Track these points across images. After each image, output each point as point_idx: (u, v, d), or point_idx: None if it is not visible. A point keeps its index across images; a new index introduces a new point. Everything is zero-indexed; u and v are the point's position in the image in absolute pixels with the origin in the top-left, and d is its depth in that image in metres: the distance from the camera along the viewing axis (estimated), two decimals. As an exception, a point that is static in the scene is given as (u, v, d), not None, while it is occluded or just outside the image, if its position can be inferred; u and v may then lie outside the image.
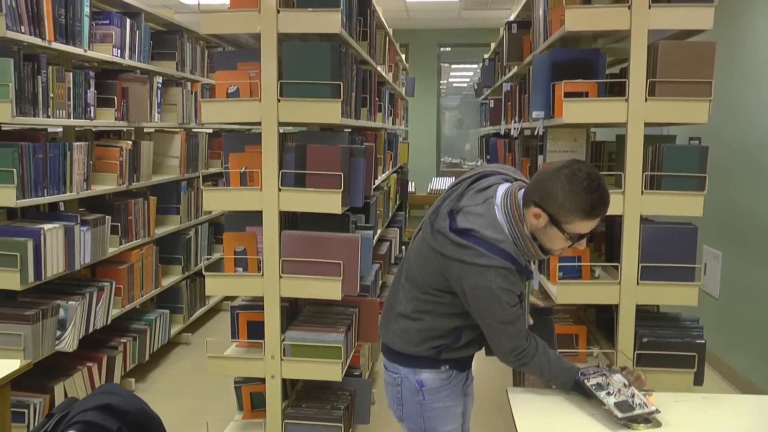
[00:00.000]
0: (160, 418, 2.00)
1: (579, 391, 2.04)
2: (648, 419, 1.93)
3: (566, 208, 1.86)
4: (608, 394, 1.97)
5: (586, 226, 1.90)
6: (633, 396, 1.97)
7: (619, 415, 1.90)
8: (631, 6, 2.64)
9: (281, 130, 3.11)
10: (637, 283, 2.77)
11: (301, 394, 3.39)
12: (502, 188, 2.02)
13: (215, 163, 5.76)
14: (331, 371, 3.04)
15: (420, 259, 2.08)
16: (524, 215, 1.94)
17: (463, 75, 14.22)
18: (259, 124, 2.95)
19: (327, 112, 2.90)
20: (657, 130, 4.93)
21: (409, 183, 8.19)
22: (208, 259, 5.44)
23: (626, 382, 2.01)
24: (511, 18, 4.59)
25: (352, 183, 3.09)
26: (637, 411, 1.92)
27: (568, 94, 2.78)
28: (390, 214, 5.32)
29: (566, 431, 1.88)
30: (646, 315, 2.97)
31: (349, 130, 3.95)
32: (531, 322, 2.23)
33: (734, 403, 2.16)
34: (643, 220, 2.82)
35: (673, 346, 2.79)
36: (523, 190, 1.98)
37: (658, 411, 1.94)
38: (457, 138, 14.37)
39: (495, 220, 1.94)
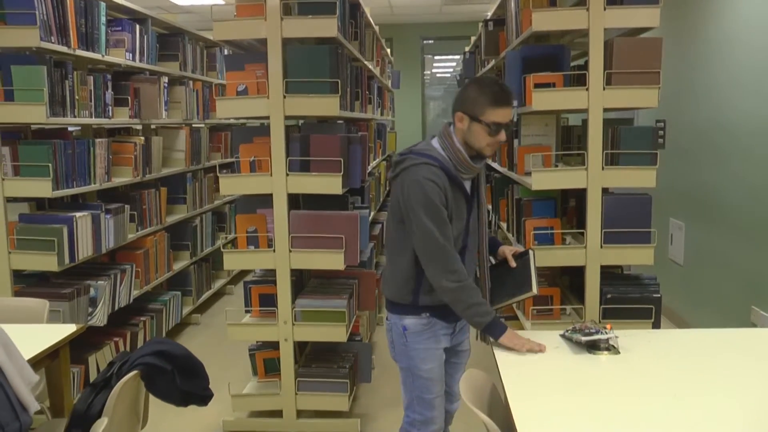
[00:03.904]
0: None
1: (492, 331, 2.37)
2: (608, 347, 2.34)
3: (479, 102, 2.38)
4: (578, 332, 2.39)
5: (498, 114, 2.38)
6: (594, 329, 2.38)
7: (583, 339, 2.32)
8: (589, 8, 3.05)
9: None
10: (601, 247, 3.18)
11: (309, 357, 3.79)
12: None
13: (215, 155, 6.14)
14: (337, 333, 3.45)
15: (390, 204, 2.54)
16: (453, 132, 2.45)
17: (446, 66, 14.53)
18: (267, 117, 3.35)
19: (327, 106, 3.30)
20: (640, 114, 5.34)
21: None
22: (225, 238, 5.88)
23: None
24: (488, 16, 4.98)
25: (351, 167, 3.49)
26: (596, 336, 2.33)
27: (537, 85, 3.20)
28: (381, 199, 5.72)
29: (537, 361, 2.28)
30: (610, 275, 3.40)
31: (342, 121, 4.35)
32: (514, 264, 2.65)
33: (670, 336, 2.60)
34: (606, 192, 3.24)
35: (633, 300, 3.22)
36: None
37: (616, 336, 2.34)
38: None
39: (429, 144, 2.48)
